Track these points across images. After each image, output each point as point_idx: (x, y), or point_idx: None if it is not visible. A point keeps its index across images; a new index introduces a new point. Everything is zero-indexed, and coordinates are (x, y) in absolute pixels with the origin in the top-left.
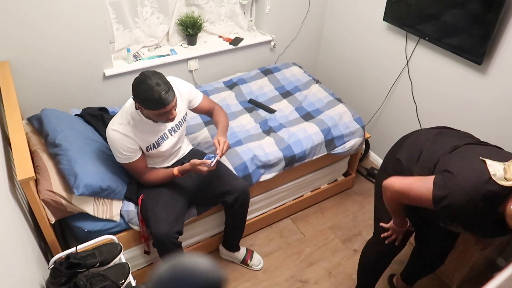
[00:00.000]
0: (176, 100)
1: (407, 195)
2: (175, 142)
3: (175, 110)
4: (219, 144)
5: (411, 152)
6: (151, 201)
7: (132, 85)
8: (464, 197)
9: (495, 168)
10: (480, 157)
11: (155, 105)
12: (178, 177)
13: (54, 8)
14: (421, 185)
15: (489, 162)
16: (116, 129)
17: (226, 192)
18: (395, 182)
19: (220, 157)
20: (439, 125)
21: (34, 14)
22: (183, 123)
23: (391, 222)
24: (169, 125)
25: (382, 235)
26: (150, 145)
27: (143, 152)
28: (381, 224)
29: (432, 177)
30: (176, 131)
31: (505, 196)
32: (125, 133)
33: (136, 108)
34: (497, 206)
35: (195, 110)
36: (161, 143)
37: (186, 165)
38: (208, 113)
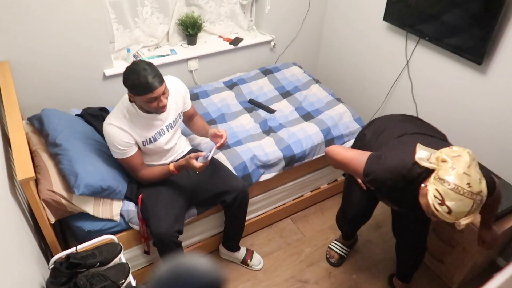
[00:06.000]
0: (166, 89)
1: (345, 166)
2: (170, 137)
3: (165, 98)
4: (220, 134)
5: (375, 130)
6: (151, 200)
7: (123, 74)
8: (386, 175)
9: (422, 154)
10: (417, 144)
11: (143, 89)
12: (176, 176)
13: (54, 7)
14: (359, 159)
15: (419, 148)
16: (112, 122)
17: (225, 192)
18: (337, 152)
19: (221, 145)
20: (438, 125)
21: (34, 14)
22: (179, 119)
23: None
24: (167, 121)
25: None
26: (146, 139)
27: (139, 148)
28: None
29: (369, 153)
30: (173, 127)
31: (426, 177)
32: (120, 126)
33: (130, 101)
34: (418, 185)
35: (184, 113)
36: (158, 138)
37: (182, 161)
38: (190, 119)
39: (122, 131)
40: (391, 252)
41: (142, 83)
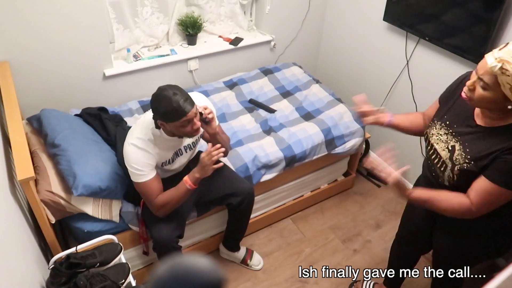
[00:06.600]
0: (197, 110)
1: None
2: (186, 160)
3: (198, 121)
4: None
5: None
6: None
7: (150, 102)
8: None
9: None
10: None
11: (176, 114)
12: (184, 174)
13: (54, 8)
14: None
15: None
16: (136, 144)
17: (231, 194)
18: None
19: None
20: None
21: (34, 14)
22: (199, 141)
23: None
24: (185, 141)
25: None
26: (166, 160)
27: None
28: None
29: None
30: (192, 149)
31: None
32: (144, 148)
33: (158, 127)
34: None
35: (205, 133)
36: (175, 159)
37: (196, 174)
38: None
39: (146, 153)
40: None
41: (175, 108)
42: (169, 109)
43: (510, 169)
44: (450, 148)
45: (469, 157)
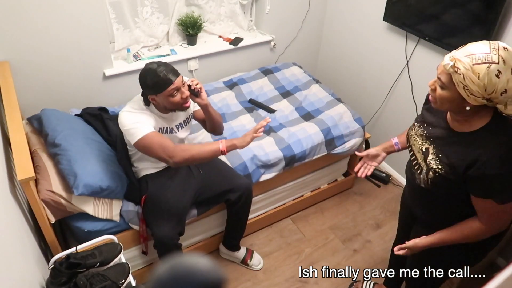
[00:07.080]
0: (184, 81)
1: None
2: (181, 139)
3: (186, 90)
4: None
5: None
6: (155, 202)
7: (139, 79)
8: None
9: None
10: None
11: (164, 83)
12: (181, 176)
13: (54, 8)
14: None
15: None
16: (129, 110)
17: (229, 190)
18: None
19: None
20: None
21: (34, 14)
22: (190, 120)
23: None
24: (177, 120)
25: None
26: (162, 127)
27: None
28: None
29: None
30: (183, 127)
31: None
32: (139, 111)
33: (148, 104)
34: None
35: (196, 112)
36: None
37: (234, 140)
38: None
39: (141, 113)
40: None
41: (161, 78)
42: (156, 79)
43: (489, 182)
44: (424, 150)
45: (442, 162)
